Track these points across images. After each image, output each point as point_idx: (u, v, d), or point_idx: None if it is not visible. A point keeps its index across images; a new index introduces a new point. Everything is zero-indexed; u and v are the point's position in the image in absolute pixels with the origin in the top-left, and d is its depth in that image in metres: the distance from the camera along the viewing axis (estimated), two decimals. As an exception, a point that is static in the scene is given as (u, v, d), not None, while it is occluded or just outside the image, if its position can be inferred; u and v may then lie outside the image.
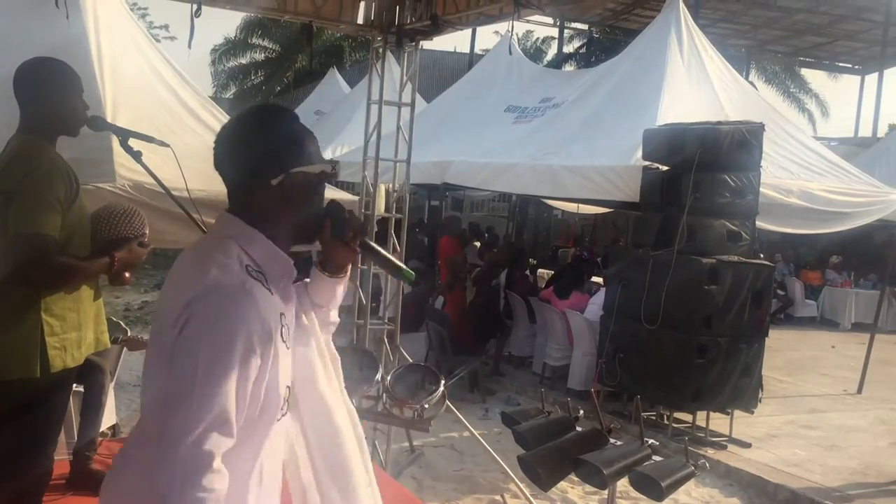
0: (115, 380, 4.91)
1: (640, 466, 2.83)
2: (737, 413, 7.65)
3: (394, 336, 6.19)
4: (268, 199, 1.74)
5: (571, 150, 8.73)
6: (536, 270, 13.61)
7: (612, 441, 2.96)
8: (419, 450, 6.56)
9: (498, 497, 6.01)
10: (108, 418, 4.89)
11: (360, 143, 11.97)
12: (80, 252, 2.96)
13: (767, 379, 8.67)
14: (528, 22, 19.20)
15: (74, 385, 3.47)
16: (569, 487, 6.17)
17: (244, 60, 31.76)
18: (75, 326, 2.98)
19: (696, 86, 9.19)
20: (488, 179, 9.60)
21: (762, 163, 7.61)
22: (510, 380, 9.55)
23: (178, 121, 5.82)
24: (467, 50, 20.36)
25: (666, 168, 7.49)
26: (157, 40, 6.84)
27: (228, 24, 50.93)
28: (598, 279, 10.58)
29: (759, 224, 7.89)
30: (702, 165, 7.10)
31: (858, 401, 9.71)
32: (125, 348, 5.04)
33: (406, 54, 6.04)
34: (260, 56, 31.65)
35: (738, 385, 7.34)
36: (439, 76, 24.82)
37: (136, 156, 3.09)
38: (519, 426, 3.09)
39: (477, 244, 14.75)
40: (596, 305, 8.63)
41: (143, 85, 5.84)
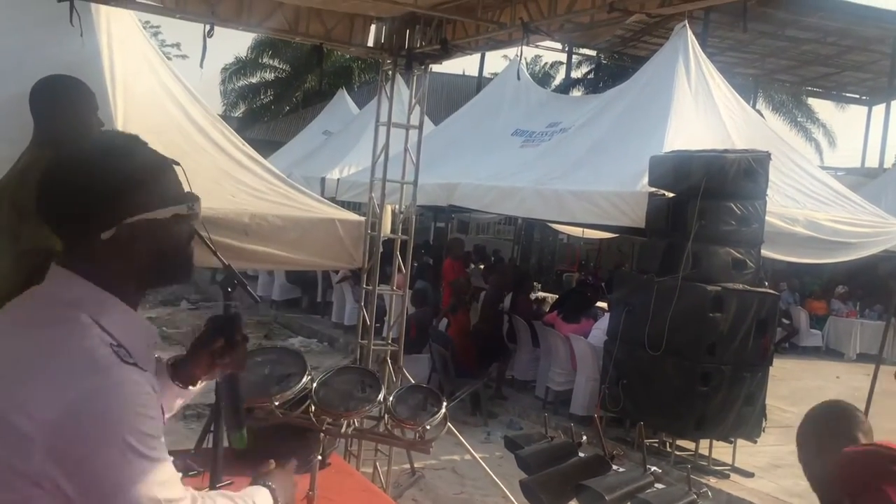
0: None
1: (642, 494, 2.82)
2: (740, 442, 7.61)
3: (397, 357, 6.19)
4: (101, 252, 1.40)
5: (578, 174, 8.76)
6: (538, 296, 13.59)
7: (614, 468, 2.95)
8: (420, 472, 6.54)
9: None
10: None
11: (367, 163, 12.07)
12: None
13: (771, 408, 8.63)
14: (537, 47, 19.31)
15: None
16: (570, 513, 6.13)
17: (254, 80, 32.00)
18: None
19: (703, 113, 9.24)
20: (494, 202, 9.63)
21: (768, 191, 7.63)
22: (512, 403, 9.53)
23: (188, 139, 5.86)
24: (476, 73, 20.46)
25: (672, 195, 7.51)
26: (169, 58, 6.90)
27: (239, 44, 51.42)
28: (602, 304, 10.57)
29: (765, 252, 7.89)
30: (707, 193, 7.11)
31: (863, 432, 9.64)
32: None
33: (415, 77, 6.09)
34: (270, 75, 31.88)
35: (742, 414, 7.31)
36: (448, 99, 24.98)
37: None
38: (521, 450, 3.08)
39: (481, 266, 14.77)
40: (600, 330, 8.62)
41: (154, 102, 5.89)
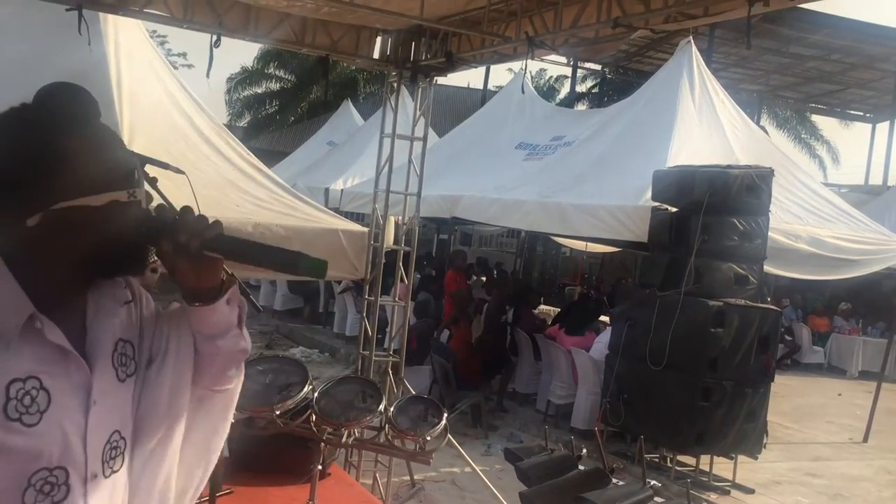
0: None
1: (641, 508, 2.82)
2: (741, 458, 7.59)
3: (398, 368, 6.19)
4: (25, 238, 1.30)
5: (581, 188, 8.77)
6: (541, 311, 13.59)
7: (614, 481, 2.96)
8: (420, 484, 6.53)
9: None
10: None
11: (370, 174, 12.09)
12: None
13: (772, 425, 8.61)
14: (542, 61, 19.35)
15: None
16: (569, 527, 6.12)
17: (259, 90, 32.13)
18: None
19: (707, 129, 9.25)
20: (498, 215, 9.64)
21: (771, 207, 7.63)
22: (513, 416, 9.51)
23: (193, 148, 5.89)
24: (481, 86, 20.55)
25: (675, 209, 7.51)
26: (175, 68, 6.94)
27: (245, 54, 51.66)
28: (604, 318, 10.56)
29: (767, 268, 7.89)
30: (711, 208, 7.12)
31: (864, 450, 9.62)
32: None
33: (420, 89, 6.13)
34: (275, 86, 32.01)
35: (743, 430, 7.29)
36: (452, 111, 25.07)
37: (152, 182, 3.12)
38: (522, 462, 3.08)
39: (483, 279, 14.77)
40: (602, 344, 8.61)
41: (160, 111, 5.92)
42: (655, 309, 7.28)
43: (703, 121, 9.30)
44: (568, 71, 22.70)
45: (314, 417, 3.37)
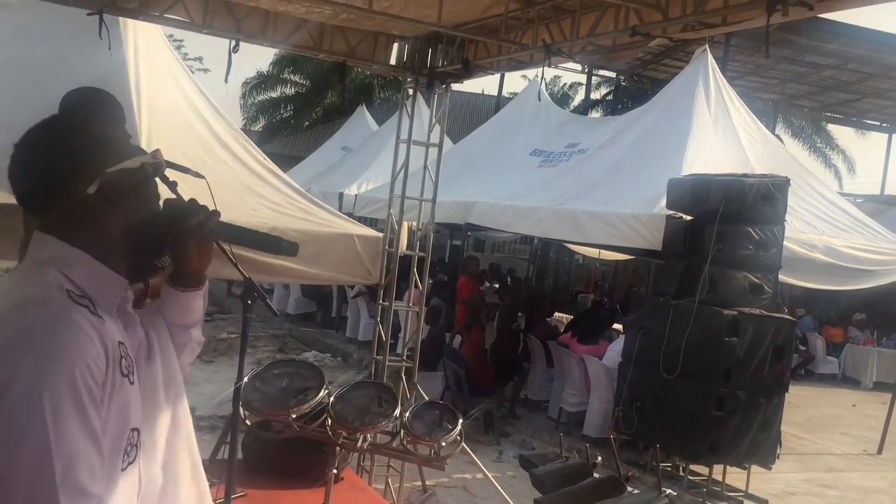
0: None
1: (656, 516, 2.82)
2: (754, 468, 7.56)
3: (411, 373, 6.20)
4: (86, 210, 1.49)
5: (596, 195, 8.77)
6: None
7: (629, 489, 2.95)
8: (432, 489, 6.52)
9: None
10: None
11: (384, 180, 12.16)
12: None
13: (786, 435, 8.56)
14: (557, 68, 19.39)
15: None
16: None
17: (274, 94, 32.27)
18: None
19: (723, 137, 9.23)
20: (511, 221, 9.66)
21: (786, 217, 7.61)
22: (525, 423, 9.49)
23: (210, 152, 5.93)
24: (495, 92, 20.58)
25: (689, 218, 7.50)
26: (192, 72, 7.00)
27: (261, 59, 51.92)
28: (617, 326, 10.54)
29: (782, 278, 7.86)
30: (726, 217, 7.11)
31: (878, 462, 9.55)
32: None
33: (436, 96, 6.14)
34: (290, 90, 32.14)
35: (757, 440, 7.25)
36: (466, 117, 25.10)
37: (173, 186, 3.15)
38: (536, 469, 3.09)
39: (496, 285, 14.76)
40: (615, 352, 8.59)
41: (178, 116, 5.97)
42: (669, 317, 7.27)
43: (718, 129, 9.28)
44: (582, 78, 22.72)
45: (329, 421, 3.38)
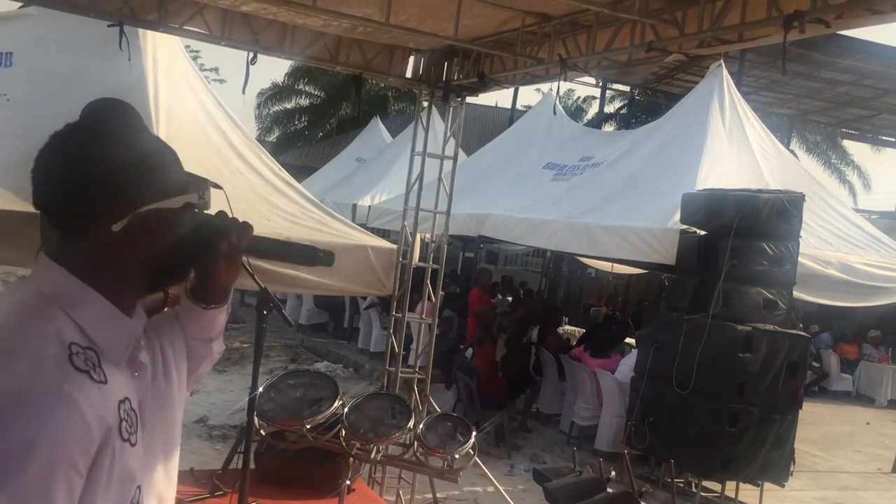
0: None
1: (669, 532, 2.81)
2: (767, 485, 7.50)
3: (423, 385, 6.20)
4: (107, 245, 1.30)
5: (609, 209, 8.77)
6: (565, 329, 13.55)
7: (642, 505, 2.95)
8: (442, 502, 6.51)
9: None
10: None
11: (398, 191, 12.19)
12: None
13: (799, 452, 8.50)
14: (571, 81, 19.40)
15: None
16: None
17: (289, 105, 32.41)
18: None
19: (737, 152, 9.22)
20: (524, 234, 9.66)
21: (801, 233, 7.58)
22: (537, 436, 9.47)
23: (226, 162, 5.98)
24: (509, 105, 20.58)
25: (703, 233, 7.49)
26: (208, 83, 7.06)
27: (276, 70, 52.25)
28: (629, 340, 10.51)
29: (797, 294, 7.82)
30: (740, 232, 7.09)
31: (893, 480, 9.47)
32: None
33: (451, 109, 6.17)
34: (304, 102, 32.27)
35: (770, 456, 7.21)
36: (480, 130, 25.15)
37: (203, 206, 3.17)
38: (550, 483, 3.08)
39: (509, 298, 14.75)
40: (627, 366, 8.56)
41: (195, 126, 6.02)
42: (682, 332, 7.24)
43: (733, 144, 9.27)
44: (595, 91, 22.75)
45: (343, 432, 3.39)
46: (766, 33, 3.86)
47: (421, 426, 3.48)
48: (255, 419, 3.37)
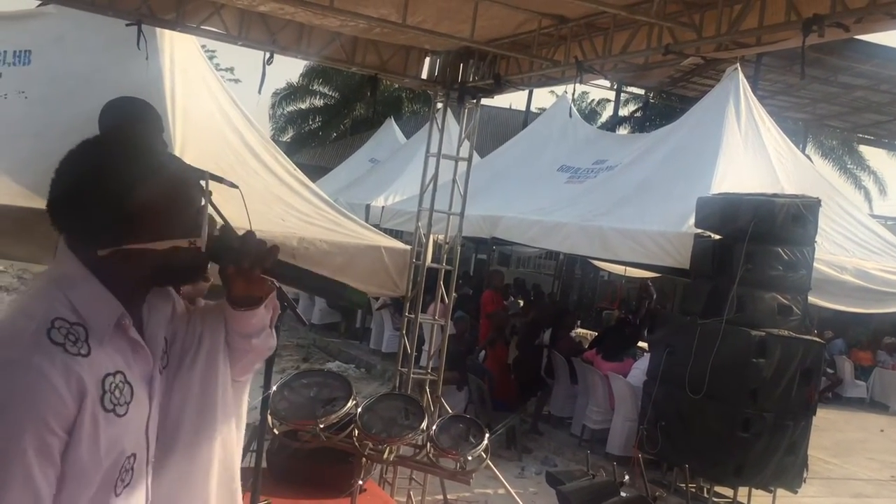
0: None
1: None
2: (780, 492, 7.46)
3: (435, 386, 6.20)
4: (96, 260, 1.45)
5: (623, 212, 8.74)
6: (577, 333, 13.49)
7: (655, 509, 2.93)
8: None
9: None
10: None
11: (412, 192, 12.19)
12: None
13: (813, 459, 8.45)
14: (586, 84, 19.35)
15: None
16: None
17: (304, 105, 32.53)
18: None
19: (753, 156, 9.18)
20: (537, 237, 9.65)
21: (817, 238, 7.53)
22: (548, 439, 9.44)
23: (242, 162, 5.99)
24: (523, 107, 20.53)
25: (718, 237, 7.45)
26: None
27: (291, 71, 52.46)
28: (642, 344, 10.47)
29: (812, 300, 7.78)
30: (755, 237, 7.05)
31: (907, 488, 9.40)
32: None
33: (466, 110, 6.17)
34: (319, 102, 32.39)
35: (783, 463, 7.17)
36: (494, 131, 25.14)
37: (207, 195, 3.18)
38: (563, 486, 3.07)
39: (521, 302, 14.73)
40: (639, 370, 8.53)
41: (211, 126, 6.03)
42: (696, 337, 7.21)
43: (748, 148, 9.23)
44: (610, 94, 22.70)
45: (357, 432, 3.40)
46: (785, 37, 3.83)
47: (434, 427, 3.48)
48: (269, 418, 3.37)
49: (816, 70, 14.66)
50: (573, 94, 8.07)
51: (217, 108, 6.32)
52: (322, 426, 3.31)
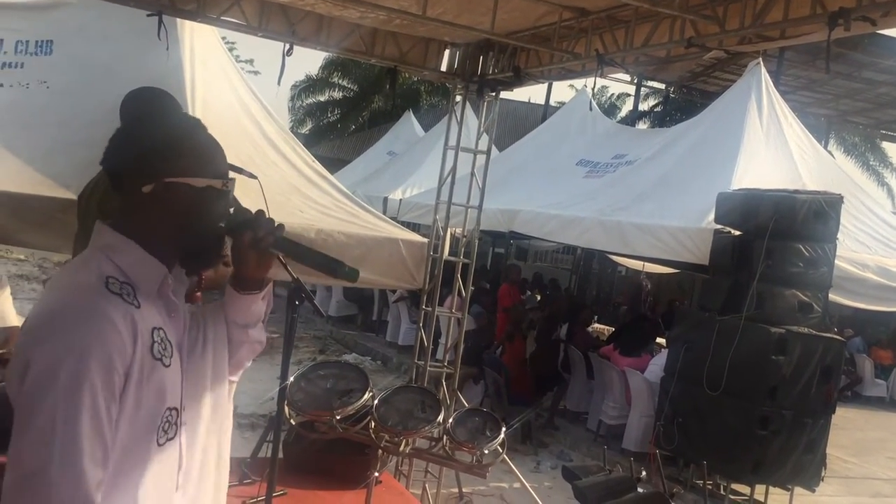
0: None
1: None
2: (797, 490, 7.41)
3: (452, 379, 6.19)
4: (143, 207, 1.59)
5: (642, 207, 8.69)
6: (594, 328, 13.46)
7: (672, 506, 2.91)
8: (468, 497, 6.50)
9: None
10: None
11: (429, 185, 12.18)
12: None
13: (831, 457, 8.38)
14: (606, 78, 19.28)
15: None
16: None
17: (322, 98, 32.57)
18: None
19: (774, 152, 9.10)
20: (555, 231, 9.61)
21: (838, 235, 7.46)
22: (564, 434, 9.43)
23: (261, 153, 6.00)
24: (542, 101, 20.50)
25: (738, 233, 7.39)
26: (243, 74, 7.09)
27: (310, 63, 52.58)
28: (660, 340, 10.42)
29: (832, 297, 7.70)
30: (776, 233, 6.99)
31: (926, 489, 9.31)
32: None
33: (485, 103, 6.14)
34: (338, 94, 32.41)
35: (801, 461, 7.11)
36: (513, 125, 25.05)
37: (235, 201, 3.18)
38: (580, 481, 3.06)
39: (538, 296, 14.70)
40: (657, 366, 8.49)
41: (230, 116, 6.05)
42: (714, 333, 7.17)
43: (770, 143, 9.14)
44: (629, 88, 22.58)
45: (373, 424, 3.40)
46: (810, 31, 3.78)
47: (450, 420, 3.47)
48: (286, 408, 3.38)
49: (840, 65, 14.51)
50: (593, 87, 8.02)
51: (236, 99, 6.34)
52: (339, 417, 3.31)
